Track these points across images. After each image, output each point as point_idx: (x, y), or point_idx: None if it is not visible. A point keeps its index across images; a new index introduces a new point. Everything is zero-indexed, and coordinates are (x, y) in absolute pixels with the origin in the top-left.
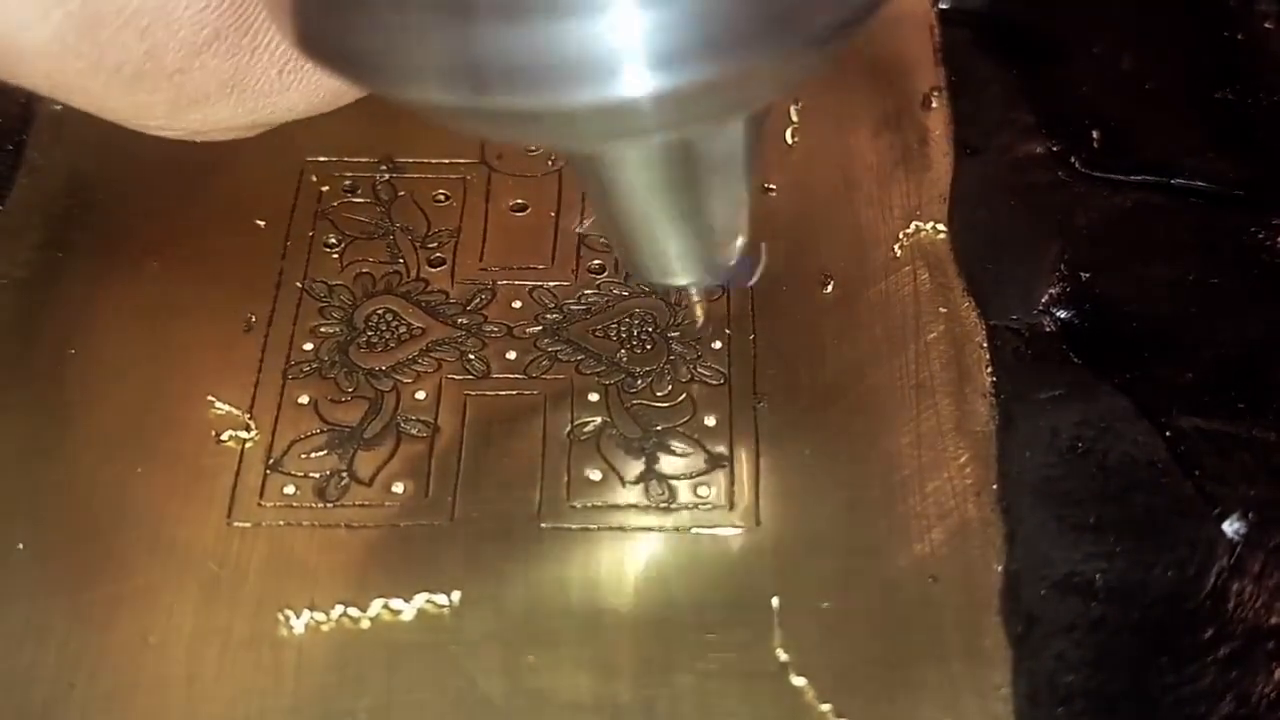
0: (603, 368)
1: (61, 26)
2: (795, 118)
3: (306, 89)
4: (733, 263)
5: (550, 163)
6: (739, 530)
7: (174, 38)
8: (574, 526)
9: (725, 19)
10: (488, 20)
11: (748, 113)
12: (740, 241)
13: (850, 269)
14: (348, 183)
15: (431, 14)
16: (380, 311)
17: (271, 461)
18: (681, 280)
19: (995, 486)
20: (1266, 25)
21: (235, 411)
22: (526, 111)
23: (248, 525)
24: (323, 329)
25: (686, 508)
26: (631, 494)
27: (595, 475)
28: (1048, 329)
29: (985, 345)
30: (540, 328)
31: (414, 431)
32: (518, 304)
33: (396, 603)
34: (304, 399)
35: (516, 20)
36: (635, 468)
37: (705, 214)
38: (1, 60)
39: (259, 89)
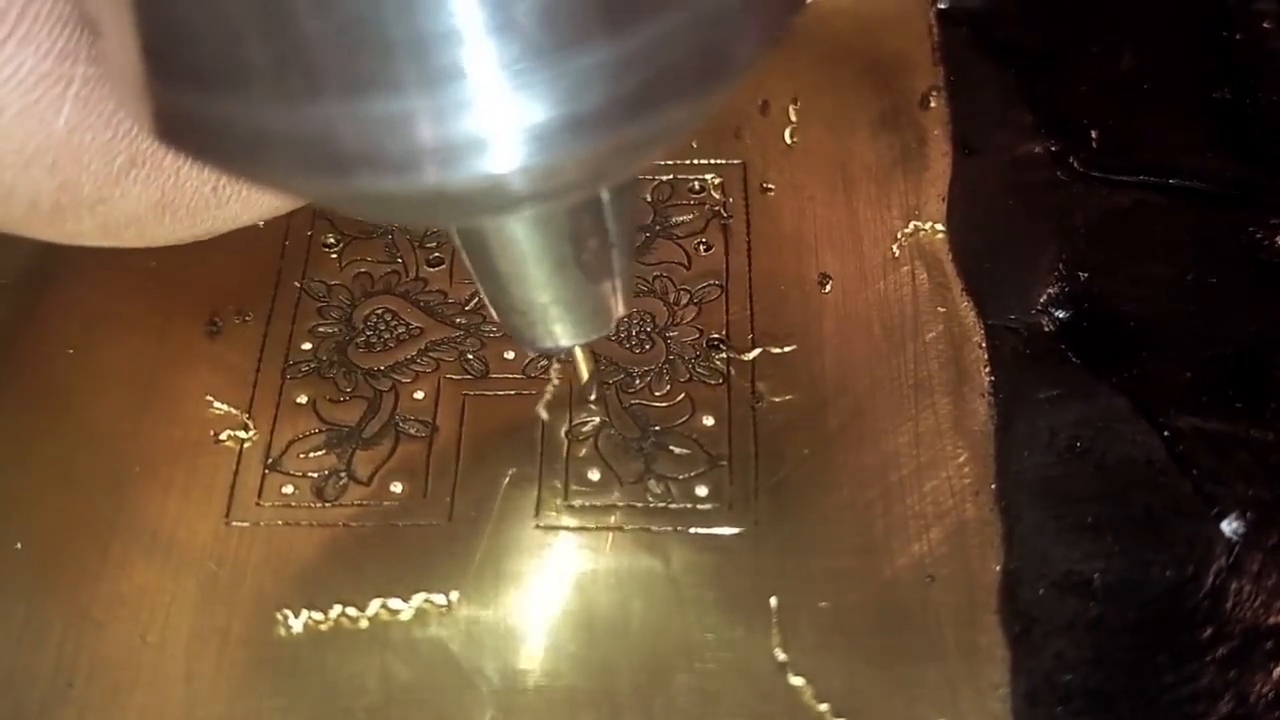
0: (601, 367)
1: None
2: (794, 117)
3: (247, 201)
4: (610, 326)
5: None
6: (737, 530)
7: (85, 170)
8: (572, 526)
9: (601, 90)
10: (336, 99)
11: (620, 181)
12: (618, 308)
13: (849, 269)
14: None
15: (278, 94)
16: (379, 311)
17: (270, 461)
18: (555, 343)
19: (994, 486)
20: (1265, 25)
21: (233, 411)
22: (389, 196)
23: (246, 525)
24: (321, 329)
25: (685, 507)
26: (630, 494)
27: (594, 475)
28: (1046, 328)
29: (984, 345)
30: None
31: (412, 431)
32: None
33: (395, 602)
34: (302, 399)
35: (365, 98)
36: (634, 467)
37: (575, 280)
38: None
39: (193, 207)
